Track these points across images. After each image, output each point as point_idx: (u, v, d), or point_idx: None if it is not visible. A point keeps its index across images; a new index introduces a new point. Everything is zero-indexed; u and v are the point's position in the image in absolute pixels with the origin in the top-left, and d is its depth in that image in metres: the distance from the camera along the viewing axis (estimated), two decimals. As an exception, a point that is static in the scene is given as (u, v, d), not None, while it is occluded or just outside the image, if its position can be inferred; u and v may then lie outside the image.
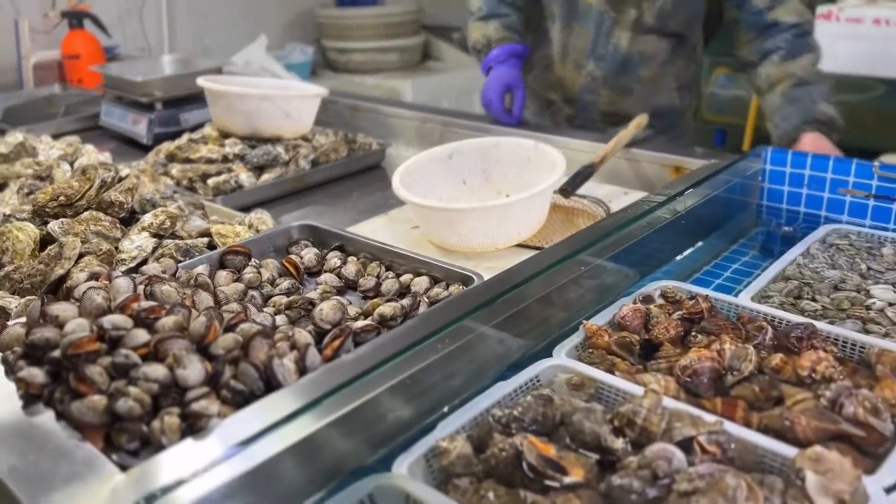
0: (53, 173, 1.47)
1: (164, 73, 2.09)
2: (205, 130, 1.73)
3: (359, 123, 2.00)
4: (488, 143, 1.35)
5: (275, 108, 1.62)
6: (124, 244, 1.13)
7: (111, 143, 2.14)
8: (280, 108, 1.62)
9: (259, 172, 1.61)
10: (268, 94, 1.66)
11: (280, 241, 1.22)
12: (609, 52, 1.77)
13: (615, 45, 1.76)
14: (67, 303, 0.86)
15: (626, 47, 1.76)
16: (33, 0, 2.92)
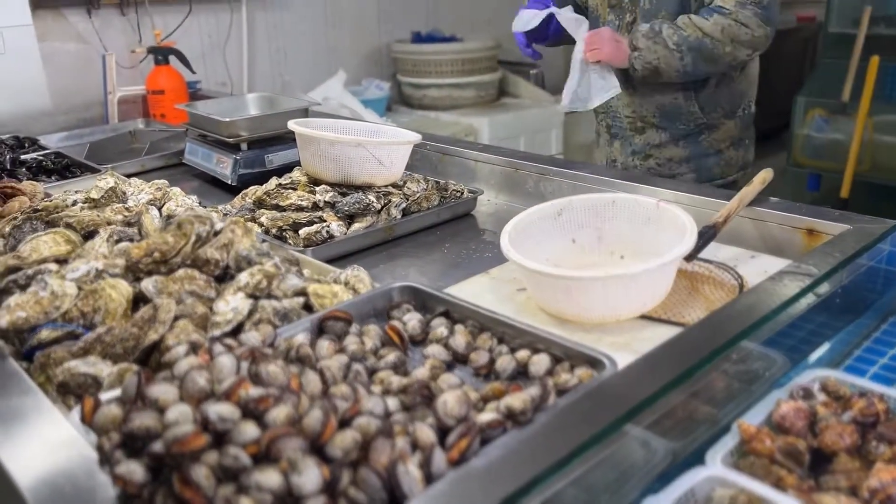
0: (142, 219, 1.42)
1: (250, 113, 2.06)
2: (293, 175, 1.67)
3: (447, 168, 1.93)
4: (602, 199, 1.24)
5: (367, 154, 1.55)
6: (219, 306, 1.06)
7: (194, 181, 2.11)
8: (373, 155, 1.55)
9: (349, 221, 1.54)
10: (361, 140, 1.59)
11: (380, 303, 1.14)
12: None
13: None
14: (167, 383, 0.78)
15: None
16: (120, 36, 2.97)
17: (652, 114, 1.98)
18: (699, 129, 1.98)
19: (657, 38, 1.77)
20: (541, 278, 1.08)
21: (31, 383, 0.89)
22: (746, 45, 1.76)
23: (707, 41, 1.75)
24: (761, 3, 1.75)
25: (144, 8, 2.97)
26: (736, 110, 1.99)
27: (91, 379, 0.93)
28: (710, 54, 1.76)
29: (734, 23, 1.74)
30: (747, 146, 2.06)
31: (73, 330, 1.01)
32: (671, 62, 1.77)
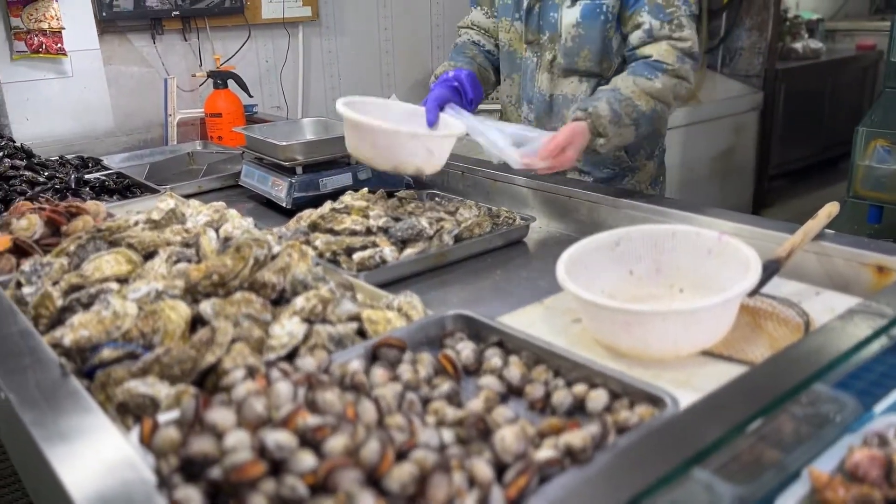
0: (200, 240, 1.44)
1: (306, 137, 2.09)
2: (346, 199, 1.69)
3: (498, 195, 1.92)
4: (662, 231, 1.22)
5: (420, 145, 1.57)
6: (275, 329, 1.06)
7: (249, 203, 2.15)
8: (423, 145, 1.57)
9: (402, 246, 1.54)
10: (416, 132, 1.62)
11: (433, 331, 1.13)
12: (536, 95, 1.95)
13: (539, 88, 1.94)
14: (225, 408, 0.78)
15: (547, 89, 1.93)
16: (181, 60, 3.06)
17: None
18: (623, 172, 1.99)
19: (621, 123, 1.67)
20: (598, 310, 1.06)
21: (92, 402, 0.90)
22: (683, 98, 1.76)
23: (659, 107, 1.71)
24: (693, 54, 1.73)
25: (206, 33, 3.06)
26: (655, 150, 2.03)
27: (149, 400, 0.94)
28: (661, 117, 1.76)
29: (678, 80, 1.71)
30: (661, 183, 2.10)
31: (133, 350, 1.03)
32: (629, 137, 1.72)
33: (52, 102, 2.68)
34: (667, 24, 1.71)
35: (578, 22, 1.83)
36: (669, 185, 3.96)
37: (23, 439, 0.87)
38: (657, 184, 2.08)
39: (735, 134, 4.32)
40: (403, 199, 1.77)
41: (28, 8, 2.52)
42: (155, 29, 2.91)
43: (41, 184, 2.01)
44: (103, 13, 2.72)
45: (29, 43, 2.56)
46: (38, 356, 1.02)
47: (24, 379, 0.95)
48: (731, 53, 4.48)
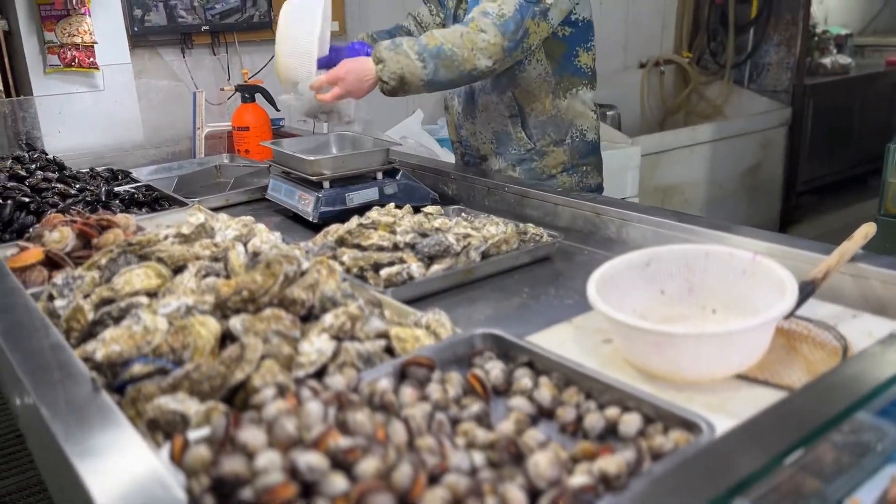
0: (229, 255, 1.45)
1: (332, 152, 2.10)
2: (373, 215, 1.69)
3: (525, 210, 1.91)
4: (695, 251, 1.20)
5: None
6: (304, 346, 1.06)
7: (276, 216, 2.16)
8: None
9: (429, 262, 1.53)
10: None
11: (461, 350, 1.12)
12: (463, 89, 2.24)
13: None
14: (256, 427, 0.78)
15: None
16: (210, 74, 3.10)
17: (490, 140, 2.25)
18: (530, 154, 2.23)
19: (398, 49, 1.89)
20: (630, 331, 1.04)
21: (123, 418, 0.90)
22: (484, 52, 1.89)
23: (446, 47, 1.88)
24: (504, 17, 1.91)
25: (234, 48, 3.09)
26: (564, 138, 2.22)
27: (179, 416, 0.94)
28: (451, 60, 1.89)
29: (473, 29, 1.90)
30: (586, 172, 2.28)
31: (163, 365, 1.03)
32: (414, 70, 1.89)
33: (84, 115, 2.72)
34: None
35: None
36: (695, 201, 3.95)
37: (54, 453, 0.88)
38: (575, 172, 2.26)
39: (763, 150, 4.28)
40: (430, 214, 1.77)
41: (62, 22, 2.57)
42: (184, 43, 2.95)
43: (72, 196, 2.04)
44: (135, 28, 2.76)
45: (62, 57, 2.60)
46: (70, 370, 1.02)
47: (55, 393, 0.96)
48: (758, 69, 4.44)
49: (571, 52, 2.16)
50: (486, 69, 1.95)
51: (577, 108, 2.21)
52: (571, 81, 2.20)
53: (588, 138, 2.26)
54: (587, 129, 2.25)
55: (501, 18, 1.91)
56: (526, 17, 1.96)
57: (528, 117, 2.21)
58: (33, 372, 1.01)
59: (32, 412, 0.95)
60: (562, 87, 2.19)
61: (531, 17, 1.97)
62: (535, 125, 2.20)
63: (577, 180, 2.27)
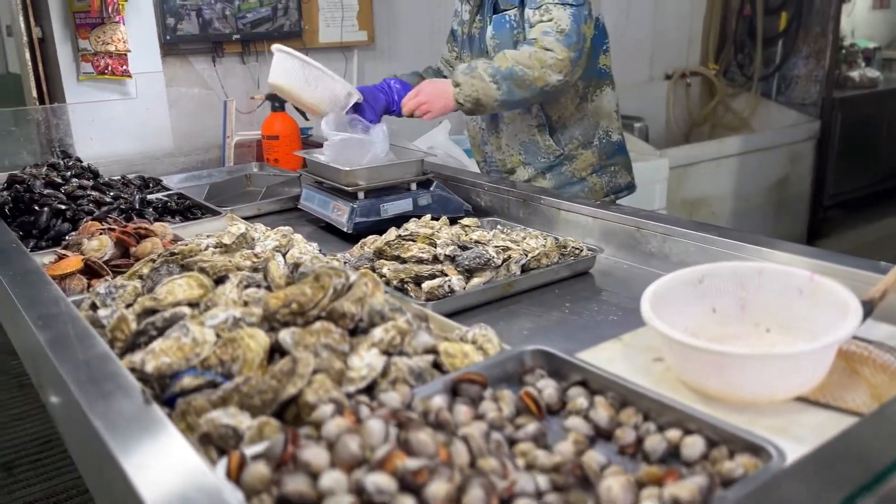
0: (269, 265, 1.44)
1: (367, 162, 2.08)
2: (411, 226, 1.67)
3: (563, 224, 1.89)
4: (749, 268, 1.18)
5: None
6: (353, 361, 1.05)
7: (308, 226, 2.16)
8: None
9: (468, 275, 1.52)
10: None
11: (511, 367, 1.10)
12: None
13: None
14: (318, 446, 0.77)
15: None
16: (239, 83, 3.11)
17: (518, 151, 2.29)
18: (559, 160, 2.26)
19: (473, 73, 2.01)
20: (689, 351, 1.02)
21: (178, 433, 0.89)
22: (554, 68, 1.97)
23: (518, 69, 1.97)
24: (564, 32, 1.98)
25: (264, 56, 3.10)
26: (591, 140, 2.25)
27: (231, 430, 0.93)
28: (522, 80, 1.98)
29: (540, 49, 1.97)
30: (615, 172, 2.30)
31: (212, 379, 1.02)
32: (489, 92, 2.00)
33: (116, 123, 2.74)
34: (537, 11, 2.02)
35: (493, 34, 2.17)
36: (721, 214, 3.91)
37: (107, 466, 0.87)
38: (605, 173, 2.28)
39: (791, 163, 4.24)
40: (467, 226, 1.75)
41: (96, 30, 2.59)
42: (215, 52, 2.96)
43: (107, 204, 2.04)
44: (167, 36, 2.78)
45: (95, 65, 2.62)
46: (119, 382, 1.01)
47: (107, 406, 0.95)
48: (786, 81, 4.41)
49: (595, 54, 2.17)
50: (557, 83, 2.01)
51: (602, 109, 2.24)
52: (596, 83, 2.22)
53: (613, 138, 2.27)
54: (612, 130, 2.27)
55: (562, 34, 1.97)
56: (581, 24, 2.00)
57: (555, 124, 2.23)
58: (84, 383, 1.01)
59: (82, 424, 0.94)
60: (588, 90, 2.22)
61: (584, 21, 2.01)
62: (562, 131, 2.22)
63: (606, 181, 2.28)
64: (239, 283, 1.36)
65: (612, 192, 2.28)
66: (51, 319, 1.23)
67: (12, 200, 1.99)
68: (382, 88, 2.24)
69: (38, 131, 2.60)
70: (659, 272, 1.63)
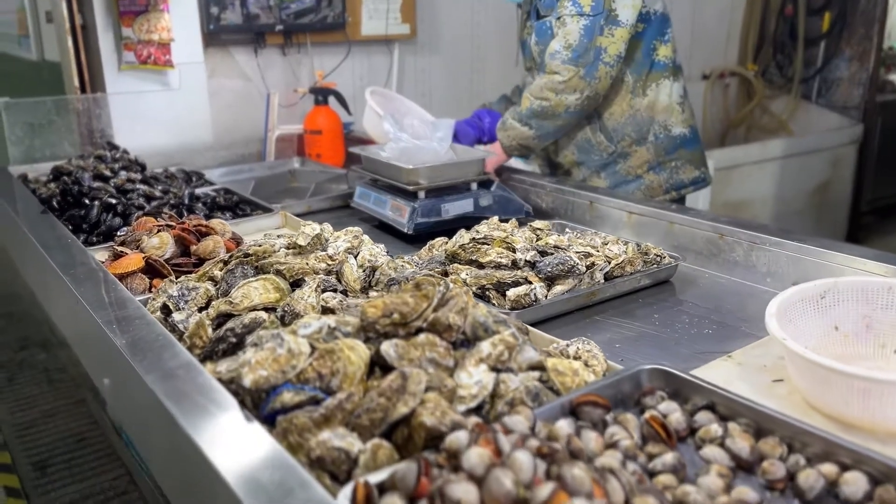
0: (343, 268, 1.37)
1: (425, 160, 2.01)
2: (483, 229, 1.59)
3: (637, 228, 1.81)
4: (876, 284, 1.10)
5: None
6: (461, 378, 0.97)
7: (361, 225, 2.08)
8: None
9: (548, 282, 1.44)
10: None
11: (627, 387, 1.03)
12: None
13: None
14: (465, 480, 0.69)
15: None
16: (280, 75, 3.03)
17: (572, 151, 2.23)
18: (612, 158, 2.19)
19: (505, 126, 2.12)
20: (827, 374, 0.94)
21: (289, 457, 0.82)
22: (566, 91, 1.98)
23: (535, 105, 2.02)
24: (571, 47, 1.95)
25: (305, 49, 3.02)
26: (646, 136, 2.16)
27: (344, 454, 0.85)
28: (544, 112, 2.02)
29: (549, 76, 1.99)
30: (675, 168, 2.20)
31: (314, 395, 0.94)
32: (524, 134, 2.09)
33: (156, 114, 2.66)
34: (557, 22, 2.00)
35: (536, 41, 2.13)
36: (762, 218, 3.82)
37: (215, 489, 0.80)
38: (661, 169, 2.19)
39: (832, 167, 4.14)
40: (539, 229, 1.67)
41: (140, 18, 2.51)
42: (257, 43, 2.88)
43: (157, 198, 1.97)
44: (210, 26, 2.70)
45: (138, 54, 2.55)
46: (212, 396, 0.94)
47: (206, 423, 0.88)
48: (827, 84, 4.31)
49: (648, 48, 2.10)
50: (578, 103, 2.01)
51: (660, 102, 2.15)
52: (651, 77, 2.14)
53: (675, 132, 2.18)
54: (673, 124, 2.17)
55: (568, 50, 1.95)
56: (594, 35, 1.95)
57: (605, 120, 2.16)
58: (176, 396, 0.93)
59: (182, 441, 0.87)
60: (640, 85, 2.13)
61: (599, 32, 1.95)
62: (613, 127, 2.16)
63: (665, 177, 2.20)
64: (316, 287, 1.29)
65: (673, 189, 2.20)
66: (126, 323, 1.16)
67: (60, 193, 1.92)
68: (472, 123, 2.29)
69: (78, 122, 2.52)
70: (745, 282, 1.57)
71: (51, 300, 1.54)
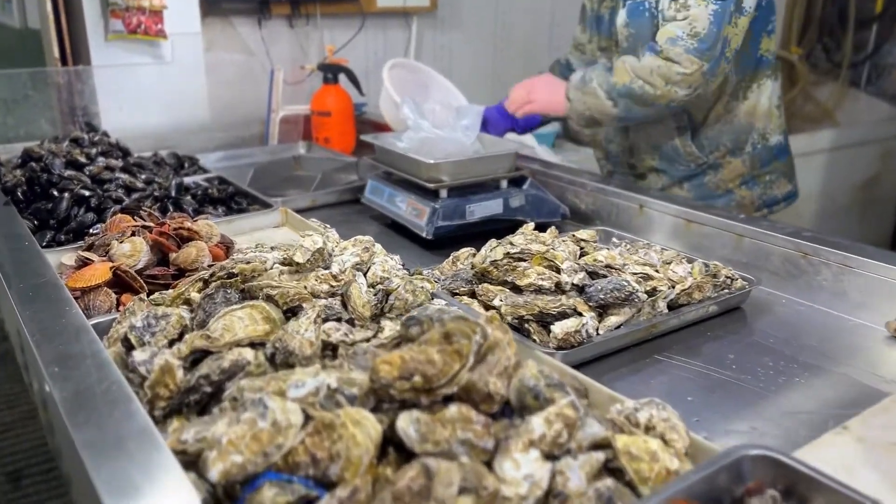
0: (350, 290, 1.12)
1: (448, 153, 1.74)
2: (517, 240, 1.33)
3: (689, 237, 1.54)
4: None
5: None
6: (505, 468, 0.72)
7: (372, 224, 1.82)
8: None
9: (600, 311, 1.18)
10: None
11: (723, 480, 0.77)
12: None
13: None
14: None
15: None
16: (286, 50, 2.76)
17: (651, 156, 1.94)
18: (701, 169, 1.90)
19: (586, 89, 1.77)
20: None
21: None
22: (681, 84, 1.67)
23: (636, 86, 1.70)
24: (698, 36, 1.64)
25: (315, 21, 2.74)
26: (742, 147, 1.87)
27: None
28: (642, 98, 1.71)
29: (664, 62, 1.67)
30: (769, 183, 1.92)
31: (306, 492, 0.69)
32: (604, 109, 1.76)
33: (147, 90, 2.40)
34: (674, 4, 1.69)
35: (627, 22, 1.82)
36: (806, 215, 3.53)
37: None
38: (755, 184, 1.91)
39: (881, 161, 3.84)
40: (584, 241, 1.41)
41: (129, -18, 2.24)
42: (262, 13, 2.60)
43: (139, 190, 1.72)
44: (209, -7, 2.43)
45: (127, 22, 2.28)
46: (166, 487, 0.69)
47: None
48: (878, 70, 3.99)
49: (755, 41, 1.79)
50: (685, 98, 1.72)
51: (760, 107, 1.86)
52: (753, 76, 1.84)
53: (772, 142, 1.88)
54: (770, 132, 1.88)
55: (694, 39, 1.65)
56: (723, 26, 1.63)
57: (699, 127, 1.85)
58: (120, 489, 0.68)
59: None
60: (742, 86, 1.84)
61: (727, 21, 1.64)
62: (707, 136, 1.85)
63: (758, 193, 1.90)
64: (316, 317, 1.03)
65: (765, 206, 1.92)
66: (70, 364, 0.91)
67: (26, 182, 1.67)
68: (503, 110, 2.02)
69: (58, 97, 2.26)
70: (832, 312, 1.30)
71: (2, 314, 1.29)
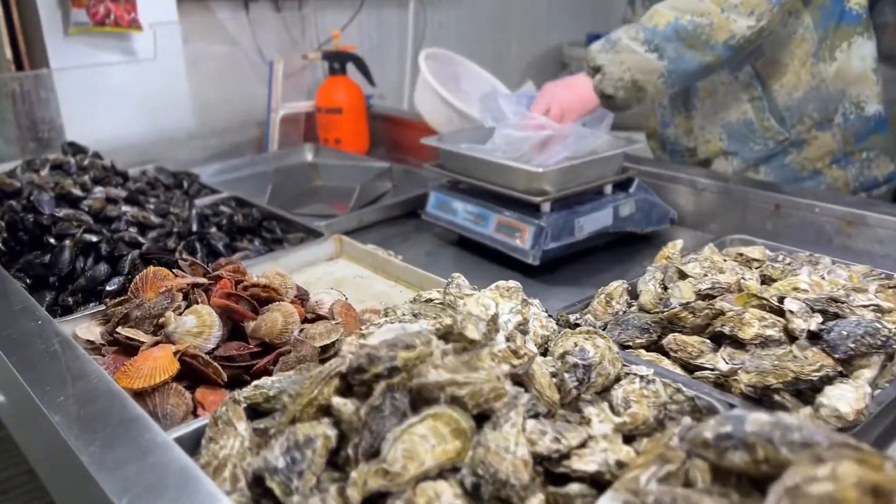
0: (533, 370, 0.81)
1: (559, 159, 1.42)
2: (693, 270, 1.04)
3: (851, 242, 1.29)
4: None
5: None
6: None
7: (430, 243, 1.50)
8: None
9: (844, 366, 0.90)
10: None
11: None
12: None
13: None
14: None
15: None
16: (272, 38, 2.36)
17: (718, 136, 1.65)
18: (782, 147, 1.61)
19: (617, 47, 1.43)
20: None
21: None
22: (741, 9, 1.37)
23: (684, 21, 1.39)
24: None
25: (308, 3, 2.36)
26: (832, 118, 1.58)
27: None
28: (695, 35, 1.39)
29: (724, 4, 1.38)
30: (867, 160, 1.62)
31: None
32: (648, 66, 1.41)
33: (120, 94, 1.99)
34: None
35: None
36: None
37: None
38: (850, 163, 1.61)
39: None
40: (755, 260, 1.14)
41: (91, -36, 1.82)
42: (246, -5, 2.21)
43: (155, 227, 1.34)
44: (185, -27, 2.02)
45: (92, 12, 1.85)
46: None
47: None
48: None
49: None
50: (748, 33, 1.39)
51: (851, 70, 1.56)
52: (841, 34, 1.55)
53: (868, 111, 1.59)
54: (866, 99, 1.58)
55: None
56: None
57: (776, 95, 1.57)
58: None
59: None
60: (827, 45, 1.55)
61: None
62: (788, 106, 1.57)
63: (854, 174, 1.62)
64: (523, 420, 0.72)
65: (862, 190, 1.63)
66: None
67: (7, 228, 1.27)
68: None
69: (14, 109, 1.83)
70: None
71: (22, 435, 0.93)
